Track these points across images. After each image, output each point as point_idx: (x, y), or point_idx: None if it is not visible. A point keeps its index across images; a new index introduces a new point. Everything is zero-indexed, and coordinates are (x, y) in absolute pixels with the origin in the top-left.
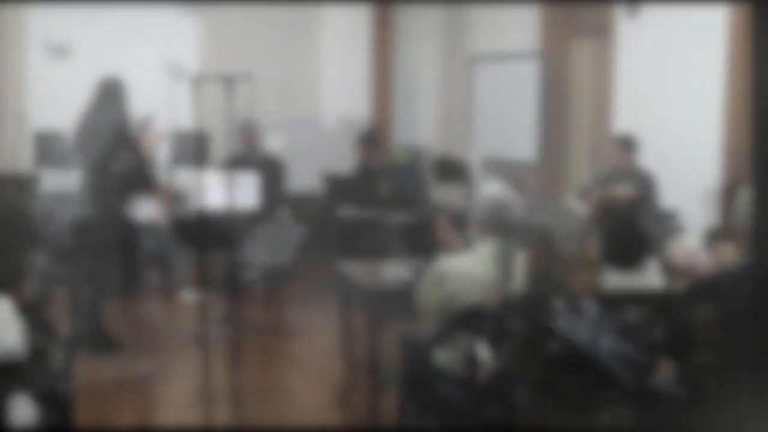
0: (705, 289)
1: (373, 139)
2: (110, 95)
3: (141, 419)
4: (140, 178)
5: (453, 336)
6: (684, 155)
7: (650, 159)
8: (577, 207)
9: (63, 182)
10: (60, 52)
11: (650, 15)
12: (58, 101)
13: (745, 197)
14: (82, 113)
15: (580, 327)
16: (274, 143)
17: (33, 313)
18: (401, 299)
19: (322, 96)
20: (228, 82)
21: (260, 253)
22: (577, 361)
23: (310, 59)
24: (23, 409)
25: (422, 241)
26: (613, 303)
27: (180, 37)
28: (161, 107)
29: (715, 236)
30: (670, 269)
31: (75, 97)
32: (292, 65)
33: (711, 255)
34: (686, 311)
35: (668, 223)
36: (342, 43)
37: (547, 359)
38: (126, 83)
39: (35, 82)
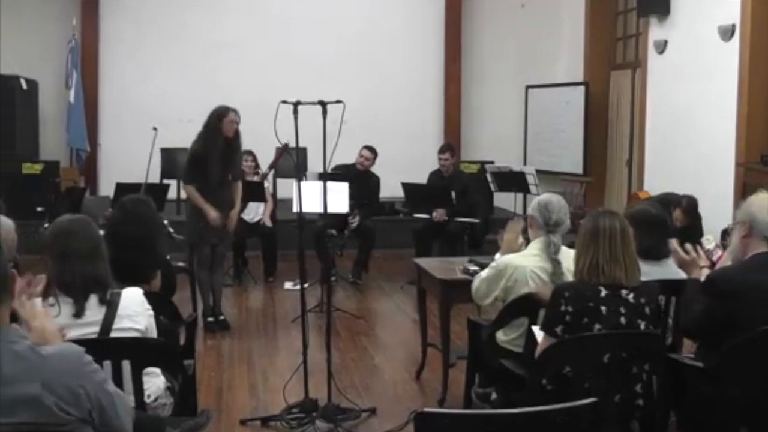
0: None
1: (452, 149)
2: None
3: (251, 385)
4: (254, 188)
5: (512, 319)
6: (702, 165)
7: (675, 166)
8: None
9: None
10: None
11: (674, 52)
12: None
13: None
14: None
15: (620, 311)
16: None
17: (161, 301)
18: (469, 288)
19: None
20: (323, 105)
21: None
22: (616, 339)
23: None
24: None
25: (484, 240)
26: (646, 291)
27: None
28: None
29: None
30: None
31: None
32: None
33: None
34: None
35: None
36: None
37: (594, 338)
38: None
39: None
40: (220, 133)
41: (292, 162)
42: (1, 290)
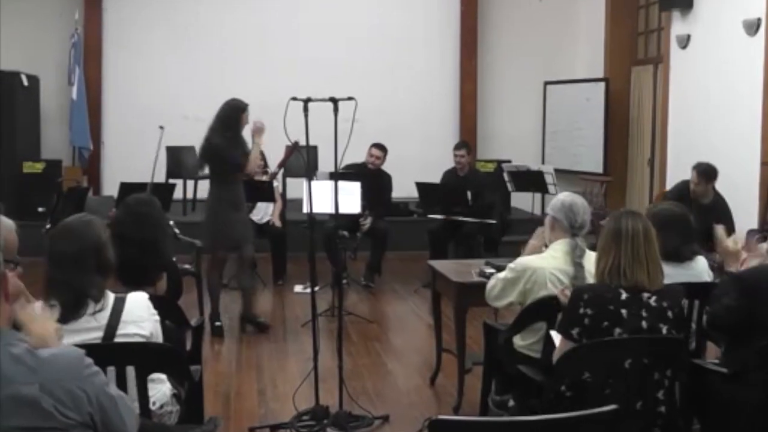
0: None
1: (468, 146)
2: (234, 116)
3: (260, 391)
4: (263, 187)
5: (530, 323)
6: (726, 164)
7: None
8: None
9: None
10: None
11: (697, 47)
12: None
13: None
14: (209, 131)
15: (641, 314)
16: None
17: (167, 304)
18: (484, 292)
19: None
20: (334, 102)
21: None
22: (637, 344)
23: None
24: (161, 387)
25: (500, 241)
26: (669, 294)
27: None
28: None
29: (753, 235)
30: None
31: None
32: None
33: (747, 250)
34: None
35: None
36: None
37: (615, 343)
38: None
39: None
40: (241, 127)
41: (302, 161)
42: None
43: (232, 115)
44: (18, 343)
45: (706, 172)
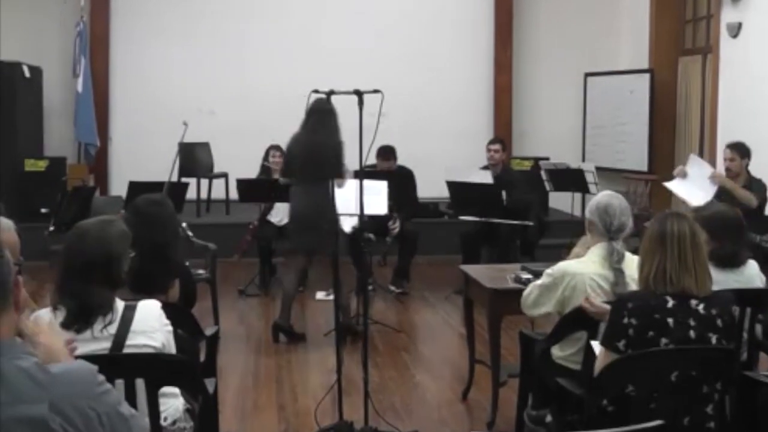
0: None
1: (503, 142)
2: (326, 116)
3: (279, 406)
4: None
5: (569, 333)
6: None
7: (751, 162)
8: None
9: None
10: None
11: (749, 35)
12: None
13: None
14: (299, 132)
15: (689, 323)
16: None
17: (180, 313)
18: (520, 299)
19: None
20: (359, 94)
21: None
22: (685, 355)
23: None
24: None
25: (538, 244)
26: (718, 301)
27: None
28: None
29: None
30: None
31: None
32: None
33: None
34: None
35: None
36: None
37: (661, 354)
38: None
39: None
40: None
41: None
42: (1, 298)
43: (329, 109)
44: (26, 356)
45: (740, 147)
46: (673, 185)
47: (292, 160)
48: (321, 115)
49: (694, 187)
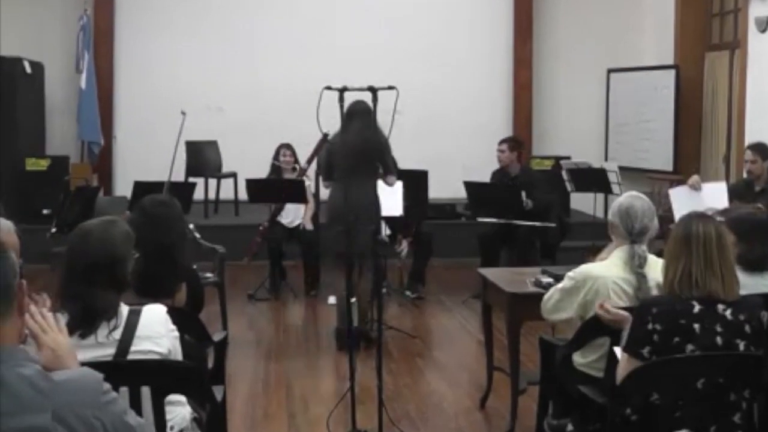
0: None
1: (512, 143)
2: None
3: (290, 414)
4: (294, 187)
5: (592, 339)
6: None
7: None
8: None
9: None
10: None
11: None
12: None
13: None
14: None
15: (716, 329)
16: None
17: (187, 318)
18: (540, 303)
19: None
20: (373, 91)
21: None
22: (712, 362)
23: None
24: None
25: (558, 247)
26: (746, 306)
27: None
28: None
29: None
30: None
31: None
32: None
33: None
34: None
35: None
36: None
37: (687, 361)
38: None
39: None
40: None
41: None
42: (2, 302)
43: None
44: (28, 363)
45: (762, 148)
46: (676, 193)
47: (337, 162)
48: (363, 116)
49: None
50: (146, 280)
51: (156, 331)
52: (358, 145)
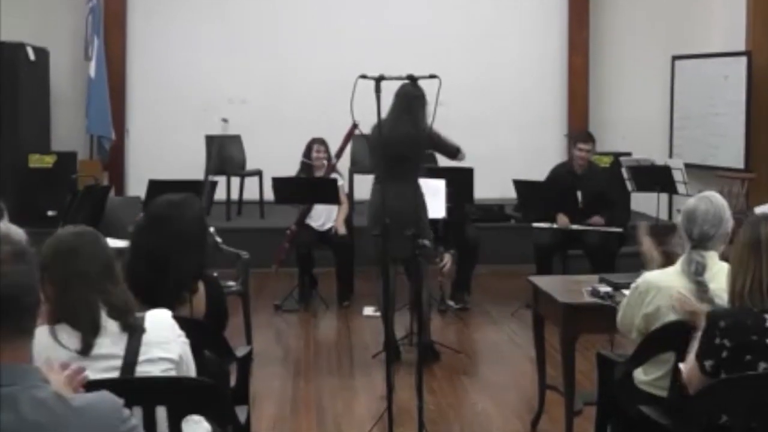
0: None
1: (593, 139)
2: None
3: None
4: (325, 186)
5: (654, 355)
6: None
7: None
8: None
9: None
10: None
11: None
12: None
13: None
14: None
15: None
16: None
17: (207, 331)
18: (599, 315)
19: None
20: (413, 80)
21: None
22: None
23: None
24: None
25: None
26: None
27: None
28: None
29: None
30: None
31: None
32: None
33: None
34: None
35: None
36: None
37: (760, 379)
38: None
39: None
40: None
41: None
42: (24, 317)
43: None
44: (43, 384)
45: None
46: None
47: (372, 152)
48: (407, 100)
49: None
50: (139, 289)
51: (164, 336)
52: (395, 140)
